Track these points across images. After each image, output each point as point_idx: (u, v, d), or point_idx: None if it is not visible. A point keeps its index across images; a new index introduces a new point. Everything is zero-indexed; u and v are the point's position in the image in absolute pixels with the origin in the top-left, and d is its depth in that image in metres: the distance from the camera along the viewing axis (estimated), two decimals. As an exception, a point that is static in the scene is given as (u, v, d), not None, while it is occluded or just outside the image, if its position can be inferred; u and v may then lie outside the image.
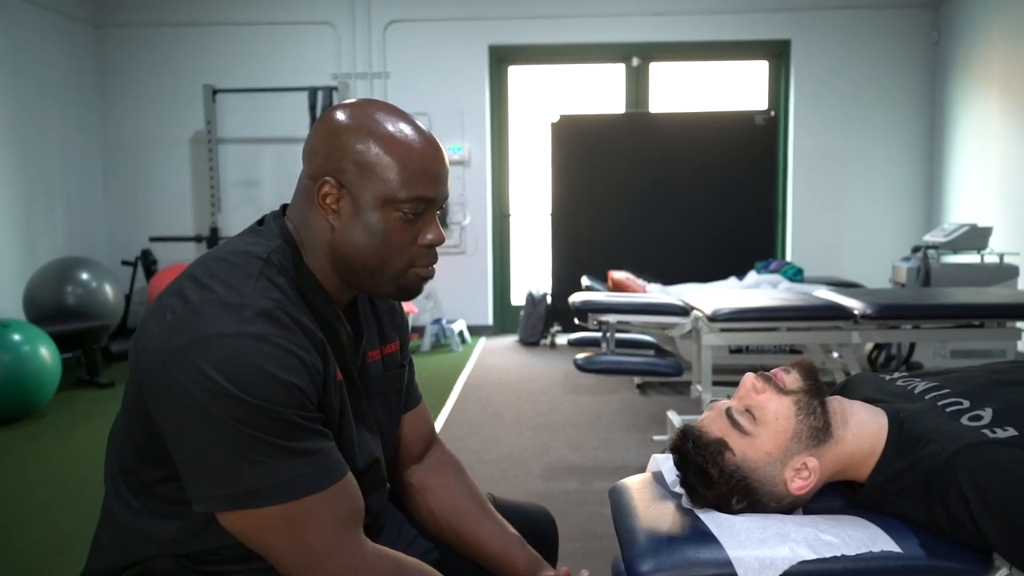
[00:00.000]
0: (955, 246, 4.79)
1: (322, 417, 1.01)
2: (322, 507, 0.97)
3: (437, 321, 6.18)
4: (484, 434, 3.77)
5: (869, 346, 4.94)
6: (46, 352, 4.05)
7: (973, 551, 1.06)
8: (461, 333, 6.21)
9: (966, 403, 1.16)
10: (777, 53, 6.46)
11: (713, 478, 1.15)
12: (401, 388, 1.26)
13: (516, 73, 6.65)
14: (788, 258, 6.43)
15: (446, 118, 6.38)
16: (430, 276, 1.11)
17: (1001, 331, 3.14)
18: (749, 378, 1.20)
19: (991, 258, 4.87)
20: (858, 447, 1.17)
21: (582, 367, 3.10)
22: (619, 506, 1.24)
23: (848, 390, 1.36)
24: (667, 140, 6.04)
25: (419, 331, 6.21)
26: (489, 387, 4.76)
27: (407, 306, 5.98)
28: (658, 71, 6.59)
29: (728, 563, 1.04)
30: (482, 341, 6.34)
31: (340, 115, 1.05)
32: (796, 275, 5.07)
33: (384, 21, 6.33)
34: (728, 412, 1.18)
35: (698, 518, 1.14)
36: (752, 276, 4.96)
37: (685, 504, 1.20)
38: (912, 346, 4.60)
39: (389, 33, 6.35)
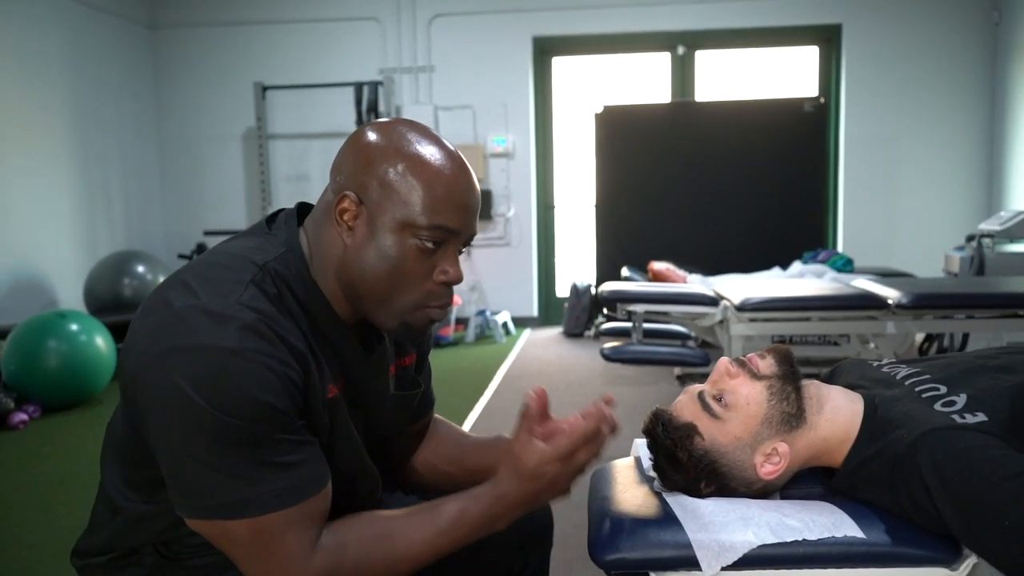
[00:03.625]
0: (1011, 234, 4.60)
1: (304, 426, 0.98)
2: (287, 524, 0.94)
3: (481, 312, 6.22)
4: (518, 424, 3.79)
5: (919, 338, 4.79)
6: (101, 341, 4.22)
7: (940, 538, 1.04)
8: (505, 324, 6.24)
9: (943, 389, 1.14)
10: (827, 38, 6.29)
11: (682, 462, 1.14)
12: (411, 406, 1.23)
13: (560, 64, 6.63)
14: (840, 248, 6.27)
15: (490, 110, 6.40)
16: (440, 319, 1.06)
17: (1048, 322, 3.03)
18: (723, 362, 1.19)
19: (1050, 247, 4.68)
20: (832, 432, 1.16)
21: (609, 357, 3.10)
22: (593, 489, 1.25)
23: (834, 376, 1.34)
24: (713, 129, 5.94)
25: (463, 322, 6.27)
26: (529, 378, 4.78)
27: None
28: (704, 59, 6.49)
29: (688, 545, 1.04)
30: (527, 332, 6.36)
31: (371, 132, 1.01)
32: (845, 265, 4.93)
33: (429, 15, 6.38)
34: (700, 396, 1.17)
35: (665, 501, 1.14)
36: (796, 266, 4.85)
37: (657, 487, 1.20)
38: (965, 337, 4.44)
39: (434, 27, 6.40)
